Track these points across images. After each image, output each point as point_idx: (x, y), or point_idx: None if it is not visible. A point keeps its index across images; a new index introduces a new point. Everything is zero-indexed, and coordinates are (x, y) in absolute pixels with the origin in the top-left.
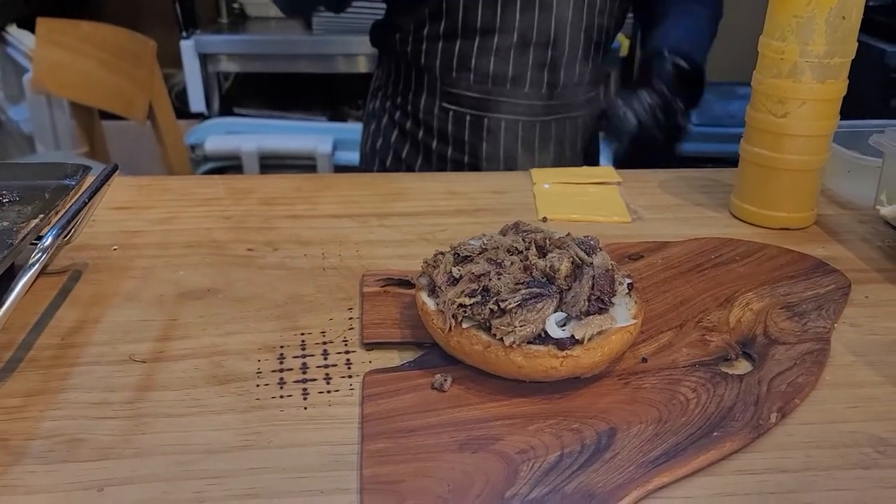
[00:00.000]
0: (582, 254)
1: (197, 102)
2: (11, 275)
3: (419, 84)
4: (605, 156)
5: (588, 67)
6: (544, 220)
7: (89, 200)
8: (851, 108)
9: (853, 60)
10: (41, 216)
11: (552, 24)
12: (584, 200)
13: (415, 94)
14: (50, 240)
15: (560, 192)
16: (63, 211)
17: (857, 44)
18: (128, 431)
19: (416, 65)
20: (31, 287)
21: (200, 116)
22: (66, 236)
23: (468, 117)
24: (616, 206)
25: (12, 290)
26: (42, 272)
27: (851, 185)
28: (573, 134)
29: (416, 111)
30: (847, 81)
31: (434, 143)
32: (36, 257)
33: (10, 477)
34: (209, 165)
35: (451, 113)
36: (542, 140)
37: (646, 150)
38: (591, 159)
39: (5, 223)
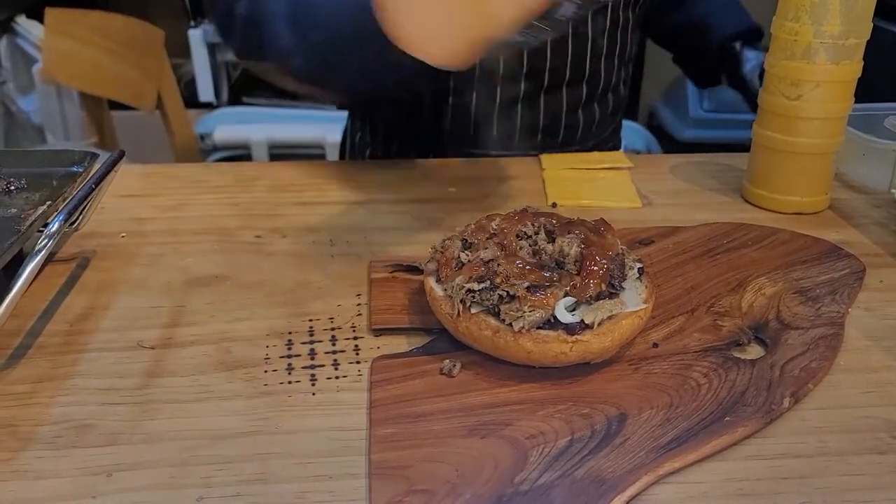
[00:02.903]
0: (592, 238)
1: (206, 92)
2: (20, 262)
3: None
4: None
5: (617, 96)
6: (554, 205)
7: (96, 186)
8: (866, 92)
9: (868, 44)
10: (48, 203)
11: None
12: (595, 186)
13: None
14: (56, 226)
15: (570, 177)
16: (70, 197)
17: (872, 24)
18: (136, 417)
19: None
20: (39, 274)
21: (209, 106)
22: (72, 223)
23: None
24: (627, 192)
25: (19, 276)
26: (51, 259)
27: (866, 168)
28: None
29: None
30: (862, 63)
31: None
32: (42, 243)
33: (19, 462)
34: (218, 155)
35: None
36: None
37: None
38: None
39: (13, 210)
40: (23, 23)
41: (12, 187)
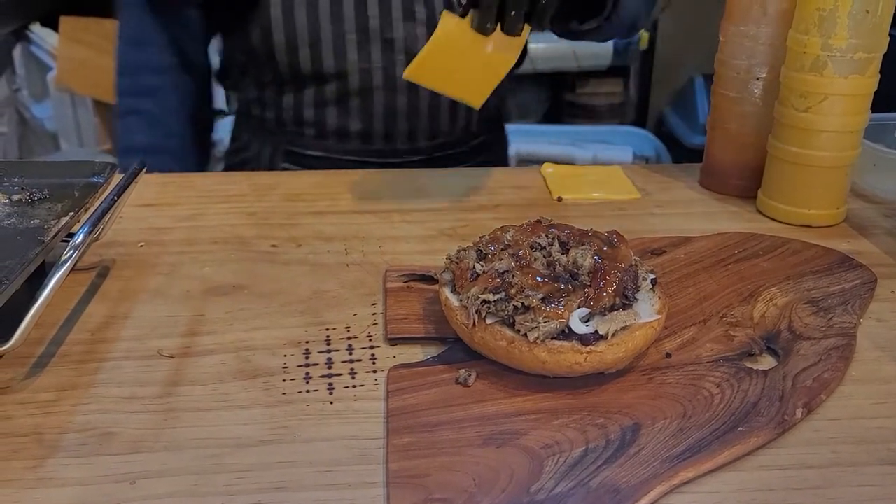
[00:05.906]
0: (606, 249)
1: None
2: (41, 272)
3: (261, 139)
4: None
5: (467, 112)
6: (559, 199)
7: (118, 198)
8: (883, 102)
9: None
10: (71, 214)
11: (402, 64)
12: (592, 180)
13: (259, 147)
14: (82, 237)
15: (567, 173)
16: (93, 209)
17: (887, 39)
18: (158, 425)
19: (255, 114)
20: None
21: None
22: (95, 234)
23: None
24: (623, 184)
25: (45, 286)
26: (71, 268)
27: (876, 178)
28: None
29: (261, 167)
30: (876, 77)
31: None
32: (68, 254)
33: (44, 470)
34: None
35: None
36: None
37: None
38: None
39: (36, 221)
40: (37, 31)
41: (35, 197)
